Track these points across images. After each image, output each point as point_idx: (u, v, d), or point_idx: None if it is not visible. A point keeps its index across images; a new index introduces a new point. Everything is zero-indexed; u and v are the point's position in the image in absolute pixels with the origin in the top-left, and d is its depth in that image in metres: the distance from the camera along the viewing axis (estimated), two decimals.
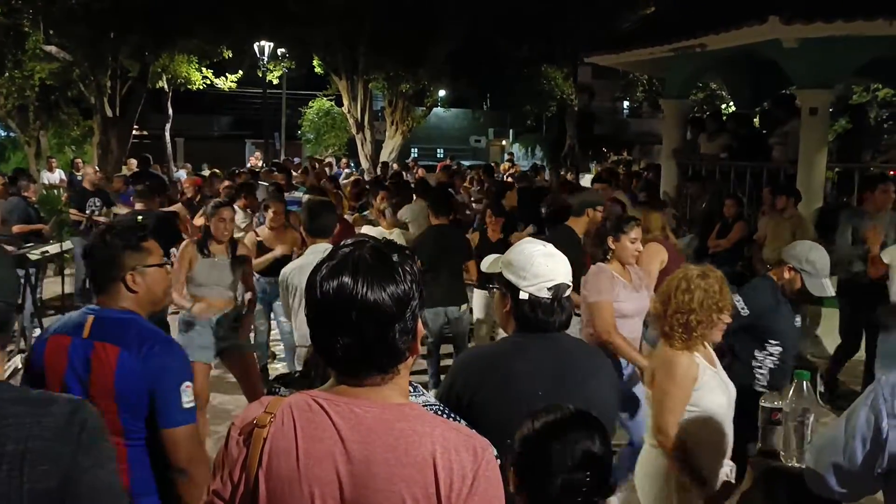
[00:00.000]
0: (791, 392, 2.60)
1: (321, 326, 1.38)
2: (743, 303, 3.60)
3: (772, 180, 7.78)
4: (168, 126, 21.07)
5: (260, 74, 21.35)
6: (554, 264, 2.17)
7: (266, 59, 20.73)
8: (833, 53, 7.14)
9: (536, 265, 2.14)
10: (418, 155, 31.98)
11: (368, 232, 7.03)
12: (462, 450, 1.35)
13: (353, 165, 19.87)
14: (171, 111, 20.85)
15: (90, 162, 14.85)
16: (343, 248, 1.41)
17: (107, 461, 1.40)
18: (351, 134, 21.00)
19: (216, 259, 4.83)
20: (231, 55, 18.79)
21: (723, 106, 18.86)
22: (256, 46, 20.03)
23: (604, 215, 5.19)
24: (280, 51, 21.93)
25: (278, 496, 1.36)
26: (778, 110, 8.75)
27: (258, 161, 18.75)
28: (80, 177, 12.79)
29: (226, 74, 21.50)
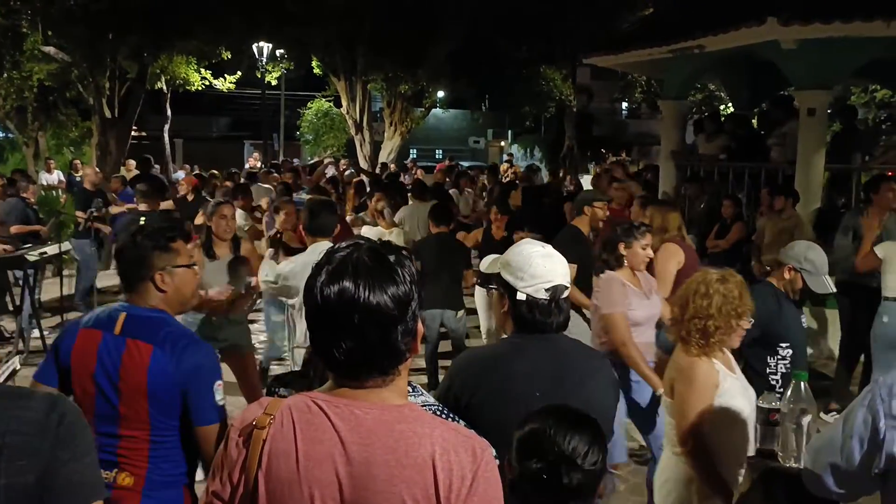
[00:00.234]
0: (789, 393, 2.61)
1: (322, 330, 1.38)
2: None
3: (770, 181, 7.78)
4: (167, 127, 21.06)
5: (258, 75, 21.31)
6: (552, 265, 2.16)
7: (265, 60, 20.67)
8: (831, 54, 7.14)
9: (534, 266, 2.13)
10: (417, 156, 31.92)
11: (368, 232, 7.05)
12: (461, 450, 1.35)
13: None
14: (170, 112, 20.85)
15: (89, 163, 14.80)
16: (340, 252, 1.39)
17: (84, 454, 1.38)
18: (350, 135, 20.96)
19: (222, 261, 4.83)
20: (230, 56, 18.77)
21: (721, 107, 18.83)
22: (255, 47, 19.97)
23: (606, 217, 5.18)
24: (279, 52, 21.88)
25: (278, 498, 1.36)
26: (776, 111, 8.75)
27: (257, 162, 18.72)
28: (79, 178, 12.82)
29: (224, 75, 21.51)
